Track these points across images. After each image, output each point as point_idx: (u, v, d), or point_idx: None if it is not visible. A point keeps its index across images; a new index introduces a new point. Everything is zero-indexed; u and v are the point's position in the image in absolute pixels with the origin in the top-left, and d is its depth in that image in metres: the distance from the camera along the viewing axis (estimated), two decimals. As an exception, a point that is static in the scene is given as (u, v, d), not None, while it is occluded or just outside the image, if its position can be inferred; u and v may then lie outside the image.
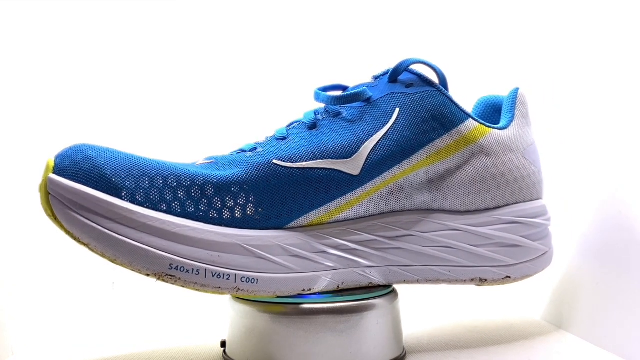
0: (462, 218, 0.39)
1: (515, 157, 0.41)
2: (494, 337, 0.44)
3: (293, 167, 0.35)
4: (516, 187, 0.40)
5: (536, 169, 0.42)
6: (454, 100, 0.39)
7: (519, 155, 0.41)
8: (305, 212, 0.35)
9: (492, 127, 0.40)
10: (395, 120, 0.37)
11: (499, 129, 0.41)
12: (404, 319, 0.40)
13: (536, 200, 0.42)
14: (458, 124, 0.38)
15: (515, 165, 0.40)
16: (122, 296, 0.58)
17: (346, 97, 0.38)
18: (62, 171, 0.32)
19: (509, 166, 0.40)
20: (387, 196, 0.37)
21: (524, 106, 0.43)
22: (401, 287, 0.40)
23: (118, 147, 0.35)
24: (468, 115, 0.39)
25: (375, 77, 0.40)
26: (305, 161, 0.36)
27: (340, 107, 0.38)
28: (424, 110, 0.38)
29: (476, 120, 0.39)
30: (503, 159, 0.40)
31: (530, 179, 0.41)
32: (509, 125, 0.41)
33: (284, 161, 0.35)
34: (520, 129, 0.42)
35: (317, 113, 0.39)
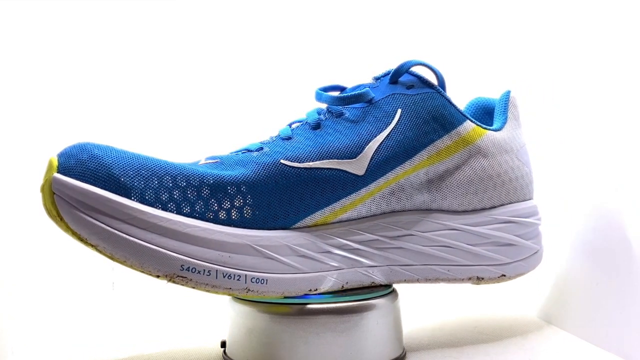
0: (460, 218, 0.39)
1: (509, 158, 0.41)
2: (494, 337, 0.44)
3: (300, 167, 0.35)
4: (511, 188, 0.41)
5: (528, 169, 0.43)
6: (452, 102, 0.39)
7: (513, 157, 0.42)
8: (311, 212, 0.35)
9: (488, 129, 0.41)
10: (397, 121, 0.38)
11: (494, 130, 0.41)
12: (404, 319, 0.40)
13: (528, 200, 0.43)
14: (457, 126, 0.39)
15: (510, 166, 0.41)
16: (122, 296, 0.58)
17: (349, 97, 0.38)
18: (68, 170, 0.31)
19: (504, 167, 0.41)
20: (388, 196, 0.37)
21: (515, 108, 0.44)
22: (401, 288, 0.40)
23: (117, 146, 0.35)
24: (466, 117, 0.40)
25: (376, 78, 0.40)
26: (312, 161, 0.36)
27: (343, 107, 0.38)
28: (425, 112, 0.38)
29: (473, 122, 0.40)
30: (499, 160, 0.41)
31: (524, 180, 0.43)
32: (503, 127, 0.42)
33: (291, 161, 0.35)
34: (513, 130, 0.43)
35: (319, 113, 0.39)
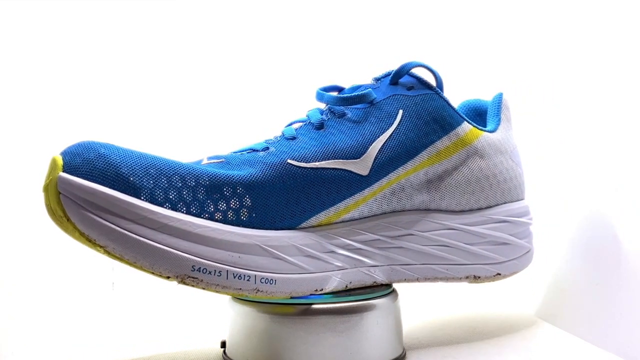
0: (457, 217, 0.40)
1: (504, 159, 0.42)
2: (493, 337, 0.44)
3: (307, 167, 0.35)
4: (505, 188, 0.42)
5: (521, 170, 0.44)
6: (450, 103, 0.40)
7: (507, 157, 0.42)
8: (316, 212, 0.35)
9: (484, 130, 0.42)
10: (399, 122, 0.38)
11: (489, 132, 0.42)
12: (404, 319, 0.40)
13: (521, 200, 0.44)
14: (456, 127, 0.40)
15: (505, 166, 0.42)
16: (122, 296, 0.58)
17: (352, 98, 0.38)
18: (74, 169, 0.31)
19: (500, 168, 0.42)
20: (389, 196, 0.38)
21: (507, 110, 0.45)
22: (401, 288, 0.40)
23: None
24: (463, 119, 0.40)
25: (376, 79, 0.40)
26: (318, 161, 0.36)
27: (346, 107, 0.38)
28: (426, 113, 0.39)
29: (470, 123, 0.41)
30: (495, 161, 0.41)
31: (517, 180, 0.43)
32: (497, 128, 0.43)
33: (297, 161, 0.35)
34: (506, 132, 0.43)
35: (321, 113, 0.39)
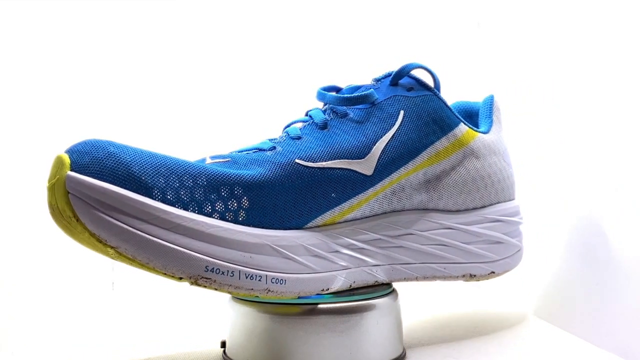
0: (454, 217, 0.40)
1: (498, 159, 0.43)
2: (494, 337, 0.44)
3: (314, 167, 0.35)
4: (499, 188, 0.43)
5: (512, 171, 0.45)
6: (448, 105, 0.41)
7: (500, 158, 0.43)
8: (322, 212, 0.35)
9: (478, 131, 0.42)
10: (401, 123, 0.38)
11: (482, 133, 0.43)
12: (404, 319, 0.40)
13: (512, 200, 0.45)
14: (453, 128, 0.40)
15: (499, 167, 0.43)
16: (122, 296, 0.58)
17: (355, 98, 0.39)
18: (83, 168, 0.30)
19: (494, 168, 0.42)
20: (390, 196, 0.38)
21: (499, 112, 0.45)
22: (401, 287, 0.40)
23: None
24: (460, 120, 0.41)
25: (376, 80, 0.41)
26: (324, 161, 0.36)
27: (348, 108, 0.39)
28: (426, 114, 0.39)
29: (466, 125, 0.41)
30: (489, 161, 0.42)
31: (510, 180, 0.44)
32: (490, 130, 0.44)
33: (305, 161, 0.35)
34: (498, 133, 0.44)
35: (324, 113, 0.39)
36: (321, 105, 0.40)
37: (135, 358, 0.40)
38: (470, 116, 0.46)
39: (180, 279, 0.32)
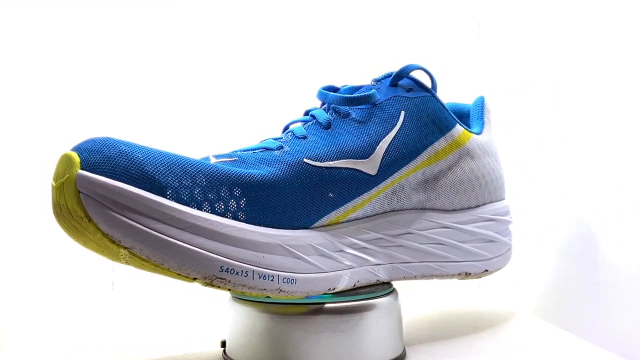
0: (450, 216, 0.41)
1: (491, 160, 0.43)
2: (494, 337, 0.44)
3: (322, 167, 0.35)
4: (492, 188, 0.43)
5: (502, 171, 0.46)
6: (445, 106, 0.41)
7: (492, 159, 0.44)
8: (329, 211, 0.35)
9: (472, 132, 0.43)
10: (402, 123, 0.39)
11: (476, 134, 0.43)
12: (404, 319, 0.40)
13: (503, 200, 0.45)
14: (451, 128, 0.41)
15: (492, 167, 0.43)
16: (122, 296, 0.58)
17: (358, 98, 0.39)
18: (94, 167, 0.29)
19: (487, 168, 0.43)
20: (391, 195, 0.38)
21: (489, 113, 0.46)
22: (401, 287, 0.40)
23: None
24: (456, 121, 0.41)
25: (376, 80, 0.41)
26: (331, 160, 0.36)
27: (350, 108, 0.39)
28: (425, 115, 0.40)
29: (462, 126, 0.42)
30: (483, 162, 0.43)
31: (501, 180, 0.45)
32: (482, 131, 0.44)
33: (313, 160, 0.35)
34: (490, 134, 0.45)
35: (326, 112, 0.39)
36: (318, 105, 0.41)
37: (135, 358, 0.40)
38: (459, 117, 0.47)
39: (194, 279, 0.31)
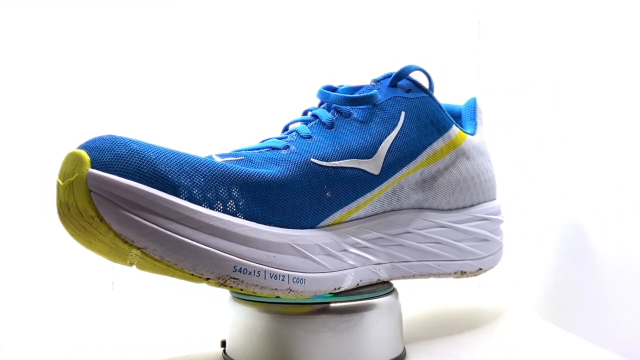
0: (447, 215, 0.41)
1: (484, 160, 0.44)
2: (494, 337, 0.44)
3: (328, 166, 0.36)
4: (485, 188, 0.44)
5: (494, 171, 0.46)
6: (442, 107, 0.42)
7: (486, 159, 0.44)
8: (334, 211, 0.36)
9: (467, 133, 0.43)
10: (403, 123, 0.39)
11: (470, 134, 0.44)
12: (404, 319, 0.40)
13: (495, 199, 0.46)
14: (448, 129, 0.41)
15: (485, 168, 0.44)
16: (122, 296, 0.58)
17: (360, 98, 0.39)
18: (105, 166, 0.29)
19: (481, 168, 0.44)
20: (391, 195, 0.38)
21: (481, 114, 0.46)
22: (401, 287, 0.40)
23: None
24: (452, 122, 0.42)
25: (376, 81, 0.41)
26: (337, 160, 0.36)
27: (352, 108, 0.39)
28: (424, 115, 0.40)
29: (457, 127, 0.42)
30: (477, 162, 0.43)
31: (494, 180, 0.46)
32: (476, 132, 0.45)
33: (320, 160, 0.35)
34: (482, 135, 0.45)
35: (328, 112, 0.39)
36: (313, 104, 0.41)
37: (135, 358, 0.40)
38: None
39: (207, 279, 0.31)
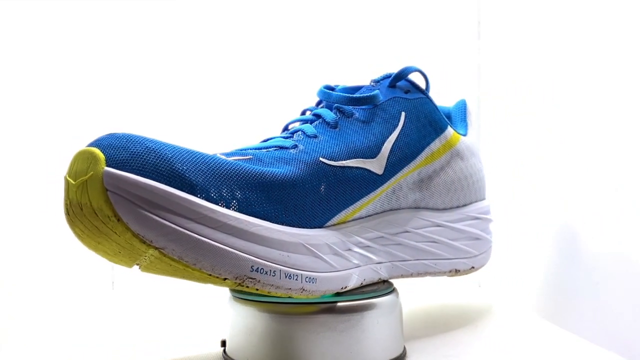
0: (442, 215, 0.42)
1: (476, 161, 0.45)
2: (494, 337, 0.44)
3: (336, 166, 0.36)
4: (477, 187, 0.45)
5: (484, 172, 0.47)
6: (438, 108, 0.42)
7: (477, 160, 0.45)
8: (340, 210, 0.36)
9: (460, 134, 0.44)
10: (403, 124, 0.39)
11: (462, 135, 0.44)
12: (405, 319, 0.40)
13: (484, 199, 0.47)
14: (444, 130, 0.42)
15: (477, 168, 0.45)
16: (122, 296, 0.58)
17: (363, 98, 0.39)
18: (122, 164, 0.28)
19: (474, 169, 0.44)
20: (390, 195, 0.39)
21: (471, 116, 0.47)
22: (401, 287, 0.40)
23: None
24: (447, 122, 0.42)
25: (375, 81, 0.41)
26: (344, 160, 0.36)
27: (354, 107, 0.39)
28: (423, 116, 0.41)
29: (452, 127, 0.43)
30: (470, 162, 0.44)
31: (484, 181, 0.46)
32: (467, 132, 0.45)
33: (328, 159, 0.36)
34: (472, 136, 0.46)
35: (331, 111, 0.39)
36: (311, 104, 0.41)
37: (135, 358, 0.40)
38: None
39: (225, 280, 0.31)
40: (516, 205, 0.55)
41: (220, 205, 0.30)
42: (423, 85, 0.42)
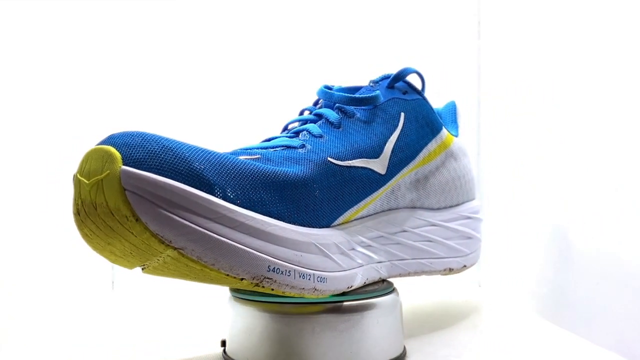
0: (437, 214, 0.43)
1: (467, 161, 0.46)
2: (494, 337, 0.44)
3: (343, 166, 0.36)
4: (468, 188, 0.46)
5: (474, 172, 0.48)
6: (433, 109, 0.43)
7: (468, 161, 0.46)
8: (345, 210, 0.36)
9: (453, 135, 0.44)
10: (403, 125, 0.39)
11: (455, 136, 0.45)
12: (405, 319, 0.40)
13: (474, 199, 0.48)
14: (440, 130, 0.42)
15: (468, 168, 0.46)
16: (122, 296, 0.58)
17: (364, 99, 0.39)
18: (139, 163, 0.28)
19: (466, 169, 0.45)
20: (390, 195, 0.39)
21: (460, 117, 0.48)
22: (401, 287, 0.40)
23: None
24: (442, 124, 0.43)
25: (374, 82, 0.41)
26: (350, 160, 0.36)
27: (355, 108, 0.39)
28: (421, 117, 0.41)
29: (446, 129, 0.43)
30: (462, 163, 0.45)
31: (474, 181, 0.47)
32: (458, 134, 0.46)
33: (335, 159, 0.36)
34: (462, 137, 0.46)
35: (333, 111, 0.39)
36: (307, 104, 0.41)
37: (135, 358, 0.40)
38: None
39: (242, 280, 0.30)
40: (516, 205, 0.55)
41: (238, 205, 0.30)
42: (419, 86, 0.42)
